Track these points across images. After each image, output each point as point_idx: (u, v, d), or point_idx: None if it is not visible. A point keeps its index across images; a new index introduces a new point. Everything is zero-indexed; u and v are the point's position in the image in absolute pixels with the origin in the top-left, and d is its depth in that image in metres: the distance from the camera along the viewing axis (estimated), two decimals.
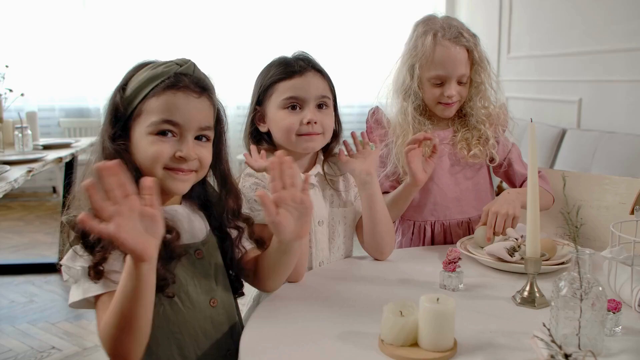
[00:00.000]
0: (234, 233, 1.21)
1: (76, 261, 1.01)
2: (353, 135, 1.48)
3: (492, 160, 1.67)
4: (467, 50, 1.60)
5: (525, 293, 1.17)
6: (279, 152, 1.07)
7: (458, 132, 1.67)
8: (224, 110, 1.19)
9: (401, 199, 1.56)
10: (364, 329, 1.04)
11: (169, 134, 1.06)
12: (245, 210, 1.28)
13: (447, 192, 1.66)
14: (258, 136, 1.43)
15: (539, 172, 1.70)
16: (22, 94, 3.40)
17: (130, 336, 0.93)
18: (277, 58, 1.41)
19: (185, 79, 1.08)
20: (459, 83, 1.61)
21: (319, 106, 1.38)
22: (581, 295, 0.95)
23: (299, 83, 1.36)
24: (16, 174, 2.53)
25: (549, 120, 3.94)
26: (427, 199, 1.66)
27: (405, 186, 1.54)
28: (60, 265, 1.03)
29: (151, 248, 0.88)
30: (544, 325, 0.89)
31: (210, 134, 1.13)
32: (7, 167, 2.58)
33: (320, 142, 1.40)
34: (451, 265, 1.24)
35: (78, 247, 1.00)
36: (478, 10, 5.07)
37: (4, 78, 3.30)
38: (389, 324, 0.97)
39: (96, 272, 0.98)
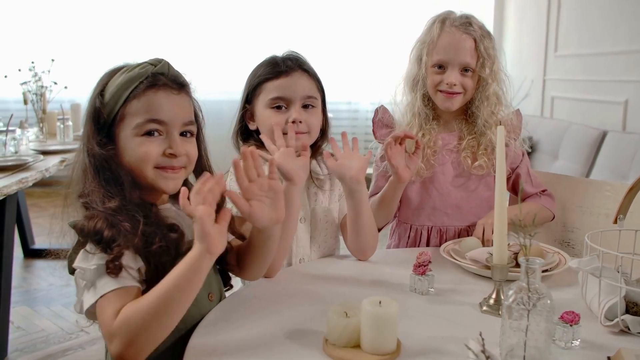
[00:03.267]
0: None
1: (90, 261, 1.00)
2: (343, 135, 1.48)
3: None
4: (474, 41, 1.56)
5: (491, 300, 1.15)
6: (243, 149, 1.10)
7: (464, 139, 1.63)
8: (199, 106, 1.21)
9: (388, 197, 1.54)
10: (316, 328, 1.05)
11: (155, 134, 1.08)
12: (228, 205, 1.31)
13: (447, 198, 1.63)
14: (247, 134, 1.46)
15: (545, 190, 1.65)
16: (65, 87, 3.56)
17: (161, 327, 0.94)
18: (267, 57, 1.43)
19: (163, 78, 1.10)
20: (463, 74, 1.57)
21: (305, 106, 1.40)
22: (528, 306, 0.93)
23: (286, 83, 1.38)
24: (49, 163, 2.66)
25: (594, 121, 3.79)
26: (426, 203, 1.64)
27: (390, 184, 1.53)
28: (74, 271, 1.03)
29: (220, 245, 0.95)
30: (480, 335, 0.88)
31: (193, 128, 1.15)
32: (41, 156, 2.71)
33: (305, 142, 1.41)
34: (421, 268, 1.23)
35: (89, 247, 1.01)
36: (527, 7, 4.93)
37: (49, 71, 3.47)
38: (332, 324, 0.98)
39: (115, 266, 0.98)
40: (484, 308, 1.15)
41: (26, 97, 3.43)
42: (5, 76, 3.61)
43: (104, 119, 1.09)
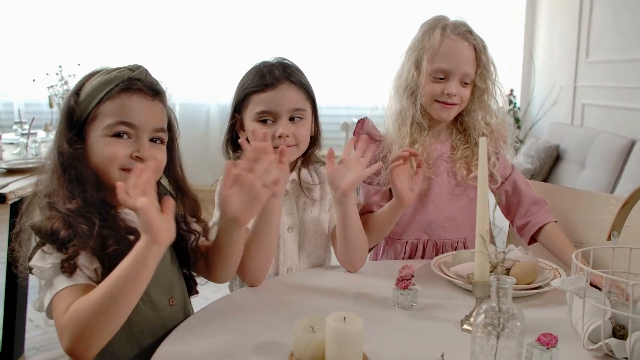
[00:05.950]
0: (189, 236, 1.23)
1: (46, 260, 1.02)
2: (350, 142, 1.41)
3: (491, 178, 1.55)
4: (475, 50, 1.52)
5: (472, 318, 1.11)
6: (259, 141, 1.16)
7: (457, 149, 1.58)
8: (175, 116, 1.22)
9: (386, 219, 1.47)
10: (284, 342, 1.02)
11: (125, 136, 1.09)
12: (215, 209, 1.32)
13: (443, 211, 1.57)
14: (237, 143, 1.45)
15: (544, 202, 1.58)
16: None
17: (108, 321, 0.94)
18: (255, 66, 1.41)
19: (139, 83, 1.12)
20: (462, 85, 1.52)
21: (293, 118, 1.38)
22: (497, 327, 0.89)
23: (272, 96, 1.36)
24: None
25: (625, 130, 3.66)
26: (423, 217, 1.58)
27: (390, 206, 1.46)
28: (31, 269, 1.05)
29: (167, 234, 0.94)
30: (441, 357, 0.84)
31: (164, 136, 1.16)
32: None
33: (294, 154, 1.39)
34: (403, 282, 1.19)
35: (46, 247, 1.03)
36: (558, 11, 4.80)
37: (75, 75, 3.54)
38: (297, 338, 0.96)
39: (70, 265, 1.01)
40: (464, 326, 1.11)
41: (52, 101, 3.50)
42: (34, 80, 3.70)
43: (76, 117, 1.11)
